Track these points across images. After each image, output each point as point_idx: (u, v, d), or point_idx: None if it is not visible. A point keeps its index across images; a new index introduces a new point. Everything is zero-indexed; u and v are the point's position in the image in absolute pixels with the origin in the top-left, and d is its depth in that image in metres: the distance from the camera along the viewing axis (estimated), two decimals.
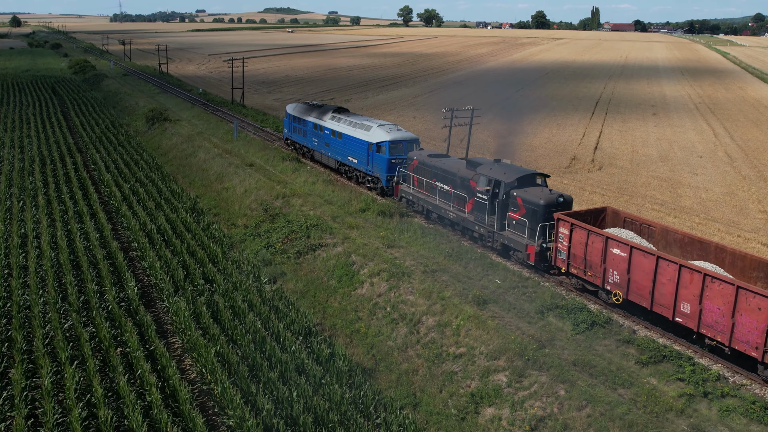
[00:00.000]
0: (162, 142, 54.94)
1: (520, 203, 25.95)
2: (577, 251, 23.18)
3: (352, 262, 27.47)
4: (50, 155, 48.13)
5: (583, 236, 22.76)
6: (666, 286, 20.02)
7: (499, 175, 27.10)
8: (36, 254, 27.12)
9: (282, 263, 29.12)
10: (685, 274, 19.41)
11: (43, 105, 74.79)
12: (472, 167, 29.09)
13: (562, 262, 24.01)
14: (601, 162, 50.86)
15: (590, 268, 22.77)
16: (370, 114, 71.42)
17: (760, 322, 17.53)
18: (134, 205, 34.58)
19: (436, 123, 67.38)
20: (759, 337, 17.63)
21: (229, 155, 46.23)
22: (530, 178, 27.11)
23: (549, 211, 24.86)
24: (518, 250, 26.04)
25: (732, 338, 18.36)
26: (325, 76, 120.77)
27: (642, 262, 20.75)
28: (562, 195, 25.70)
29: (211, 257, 28.20)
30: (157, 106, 64.41)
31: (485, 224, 27.67)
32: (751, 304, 17.70)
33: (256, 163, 43.54)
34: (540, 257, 25.07)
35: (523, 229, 25.72)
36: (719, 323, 18.67)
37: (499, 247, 27.31)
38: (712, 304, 18.76)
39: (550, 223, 24.81)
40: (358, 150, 37.56)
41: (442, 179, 30.52)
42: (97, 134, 56.36)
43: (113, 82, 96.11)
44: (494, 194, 27.11)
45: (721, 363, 19.21)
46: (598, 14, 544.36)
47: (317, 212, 33.11)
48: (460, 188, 29.36)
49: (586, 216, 24.50)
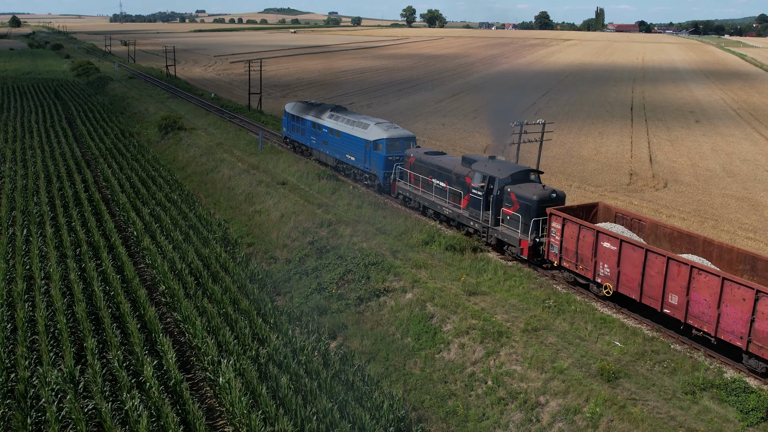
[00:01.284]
0: (178, 154, 50.09)
1: (514, 199, 26.43)
2: (569, 245, 23.58)
3: (429, 314, 22.66)
4: (56, 171, 43.26)
5: (575, 230, 23.17)
6: (654, 278, 20.42)
7: (493, 172, 27.60)
8: (45, 304, 22.28)
9: (340, 311, 24.30)
10: (673, 266, 19.76)
11: (46, 111, 69.80)
12: (467, 164, 29.56)
13: (554, 256, 24.43)
14: (664, 178, 46.10)
15: (582, 261, 23.17)
16: (397, 121, 66.72)
17: (745, 313, 17.88)
18: (157, 235, 29.74)
19: (468, 131, 62.60)
20: (743, 327, 17.97)
21: (256, 171, 41.40)
22: (524, 174, 27.55)
23: (542, 207, 25.20)
24: (512, 244, 26.51)
25: (718, 328, 18.70)
26: (338, 79, 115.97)
27: (631, 255, 21.18)
28: (555, 191, 26.09)
29: (257, 306, 23.39)
30: (171, 114, 59.53)
31: (480, 220, 28.17)
32: (736, 295, 18.05)
33: (289, 182, 38.71)
34: (533, 251, 25.55)
35: (516, 224, 26.27)
36: (706, 314, 19.05)
37: (494, 242, 27.73)
38: (699, 295, 19.14)
39: (543, 218, 25.14)
40: (355, 148, 37.58)
41: (438, 176, 30.99)
42: (107, 145, 51.47)
43: (119, 85, 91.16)
44: (489, 190, 27.67)
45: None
46: (602, 15, 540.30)
47: (371, 245, 28.31)
48: (455, 185, 29.82)
49: (578, 211, 24.90)
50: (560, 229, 23.76)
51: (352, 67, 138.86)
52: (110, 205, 36.65)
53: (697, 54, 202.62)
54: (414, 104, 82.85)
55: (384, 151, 35.20)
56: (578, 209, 24.97)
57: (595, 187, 42.85)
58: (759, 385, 17.88)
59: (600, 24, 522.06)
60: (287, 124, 47.62)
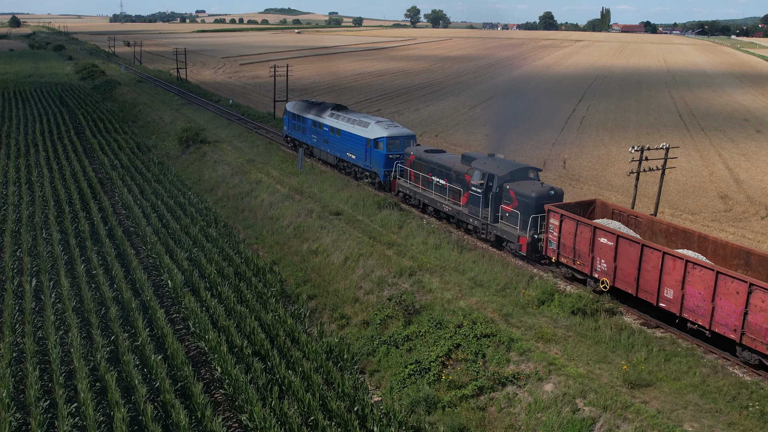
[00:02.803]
0: (204, 173, 44.22)
1: (513, 196, 26.46)
2: (566, 241, 23.71)
3: (586, 419, 16.78)
4: (67, 195, 37.36)
5: (573, 226, 23.33)
6: (650, 273, 20.60)
7: (492, 169, 27.74)
8: (69, 409, 16.39)
9: (454, 405, 18.44)
10: (668, 261, 19.95)
11: (51, 121, 63.60)
12: (466, 162, 29.62)
13: (552, 252, 24.49)
14: (762, 202, 40.25)
15: (579, 257, 23.32)
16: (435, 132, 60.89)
17: (738, 306, 18.04)
18: (201, 290, 23.85)
19: (520, 143, 56.66)
20: (737, 320, 18.14)
21: (301, 197, 35.53)
22: (523, 171, 27.61)
23: (541, 204, 25.24)
24: (511, 241, 26.47)
25: (712, 321, 18.86)
26: (355, 82, 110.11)
27: (628, 250, 21.33)
28: (553, 188, 26.15)
29: (345, 401, 17.51)
30: (191, 125, 53.57)
31: (479, 216, 28.26)
32: (730, 289, 18.23)
33: (344, 211, 32.83)
34: (531, 248, 25.53)
35: (515, 220, 26.26)
36: (700, 307, 19.21)
37: (493, 238, 27.80)
38: (694, 289, 19.30)
39: (542, 215, 25.22)
40: (356, 146, 37.79)
41: (438, 174, 31.17)
42: (122, 162, 45.54)
43: (128, 90, 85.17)
44: (488, 187, 27.81)
45: None
46: (608, 16, 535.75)
47: (471, 303, 22.47)
48: (455, 182, 29.96)
49: (576, 208, 25.04)
50: (558, 226, 23.91)
51: (367, 69, 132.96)
52: (135, 242, 30.78)
53: (717, 56, 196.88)
54: (445, 111, 76.99)
55: (384, 149, 35.39)
56: (576, 206, 25.15)
57: (690, 214, 37.04)
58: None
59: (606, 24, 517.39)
60: (288, 123, 47.78)
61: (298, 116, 45.48)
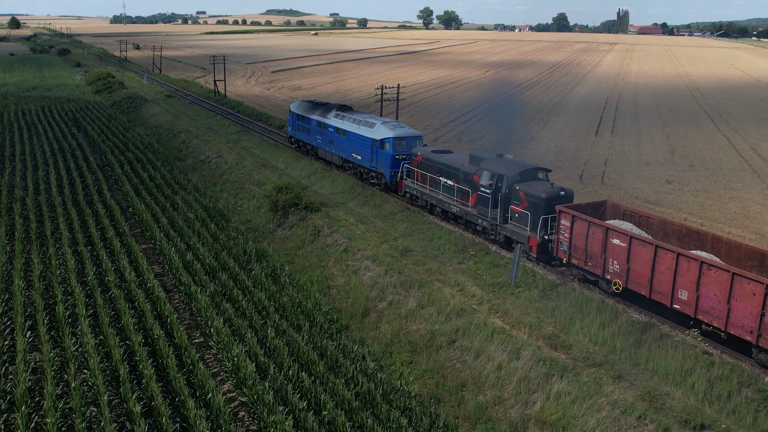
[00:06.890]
0: (335, 275, 27.22)
1: (522, 197, 26.17)
2: (578, 242, 23.61)
3: None
4: (123, 342, 20.22)
5: (584, 228, 23.25)
6: (664, 274, 20.42)
7: (502, 170, 27.65)
8: None
9: None
10: (683, 262, 19.82)
11: (70, 163, 43.99)
12: (475, 162, 29.47)
13: (563, 253, 24.34)
14: None
15: (591, 258, 23.20)
16: (614, 181, 43.90)
17: (755, 307, 17.92)
18: None
19: (716, 195, 39.66)
20: (753, 322, 18.01)
21: (552, 349, 18.63)
22: (532, 172, 27.33)
23: (551, 204, 25.04)
24: (521, 242, 25.85)
25: (728, 323, 18.65)
26: (417, 95, 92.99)
27: (641, 251, 21.20)
28: (563, 189, 25.86)
29: None
30: (287, 181, 35.90)
31: (488, 217, 28.00)
32: (746, 290, 18.10)
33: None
34: (542, 249, 25.24)
35: (525, 221, 25.97)
36: (715, 309, 19.00)
37: (502, 239, 27.48)
38: (709, 290, 19.14)
39: (552, 216, 25.02)
40: (362, 147, 37.42)
41: (446, 174, 30.96)
42: (194, 249, 28.19)
43: (159, 110, 68.00)
44: (497, 188, 27.65)
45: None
46: (626, 17, 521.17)
47: None
48: (463, 183, 29.82)
49: (587, 209, 24.82)
50: (569, 227, 23.74)
51: (422, 79, 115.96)
52: None
53: None
54: (576, 139, 59.90)
55: (391, 149, 35.06)
56: (587, 207, 24.95)
57: None
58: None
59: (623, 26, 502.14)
60: (292, 124, 47.19)
61: (303, 117, 44.76)
